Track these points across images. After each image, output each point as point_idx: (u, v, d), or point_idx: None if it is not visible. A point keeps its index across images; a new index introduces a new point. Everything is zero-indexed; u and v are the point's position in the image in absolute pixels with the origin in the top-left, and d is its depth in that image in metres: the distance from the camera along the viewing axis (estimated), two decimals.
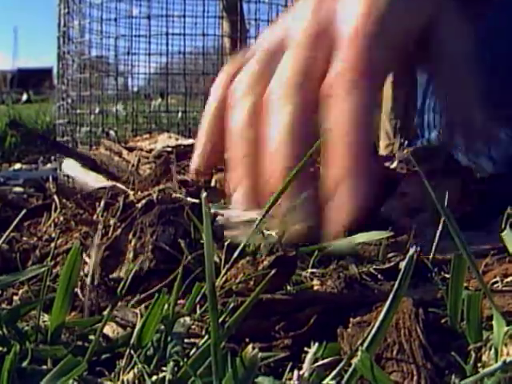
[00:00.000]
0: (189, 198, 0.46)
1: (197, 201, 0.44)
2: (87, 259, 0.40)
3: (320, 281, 0.40)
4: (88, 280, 0.38)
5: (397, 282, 0.27)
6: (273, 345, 0.34)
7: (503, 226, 0.45)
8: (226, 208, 0.47)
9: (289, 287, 0.38)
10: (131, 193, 0.49)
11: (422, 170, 0.32)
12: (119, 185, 0.56)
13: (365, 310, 0.35)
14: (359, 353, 0.25)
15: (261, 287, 0.29)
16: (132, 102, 1.20)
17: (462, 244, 0.31)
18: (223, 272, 0.41)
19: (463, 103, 0.54)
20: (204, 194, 0.31)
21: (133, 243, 0.39)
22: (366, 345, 0.26)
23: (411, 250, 0.28)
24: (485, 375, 0.28)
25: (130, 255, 0.39)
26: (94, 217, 0.47)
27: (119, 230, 0.40)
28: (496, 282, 0.40)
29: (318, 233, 0.43)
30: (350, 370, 0.25)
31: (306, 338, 0.34)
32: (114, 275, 0.39)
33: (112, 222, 0.42)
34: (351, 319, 0.34)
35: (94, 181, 0.63)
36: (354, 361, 0.25)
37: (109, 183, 0.58)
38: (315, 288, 0.39)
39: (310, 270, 0.41)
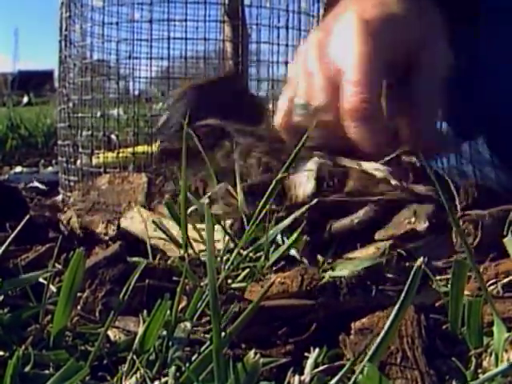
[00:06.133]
0: None
1: None
2: None
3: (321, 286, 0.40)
4: None
5: (403, 292, 0.27)
6: (274, 350, 0.34)
7: (505, 231, 0.45)
8: None
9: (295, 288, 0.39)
10: None
11: None
12: None
13: (366, 316, 0.35)
14: (366, 368, 0.25)
15: (262, 294, 0.30)
16: (133, 106, 1.20)
17: (467, 248, 0.31)
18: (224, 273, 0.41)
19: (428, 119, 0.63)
20: (206, 200, 0.31)
21: None
22: (370, 354, 0.26)
23: (418, 261, 0.28)
24: (485, 380, 0.28)
25: None
26: None
27: None
28: (493, 284, 0.41)
29: None
30: (354, 377, 0.25)
31: (307, 343, 0.34)
32: None
33: None
34: (353, 325, 0.34)
35: None
36: (358, 369, 0.25)
37: None
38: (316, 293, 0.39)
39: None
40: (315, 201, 0.49)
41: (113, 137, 1.14)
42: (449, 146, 0.71)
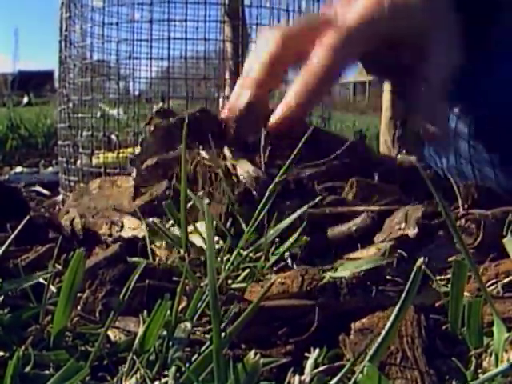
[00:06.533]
0: None
1: None
2: None
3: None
4: None
5: (404, 292, 0.27)
6: (274, 351, 0.34)
7: (505, 232, 0.45)
8: None
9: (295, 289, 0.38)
10: None
11: None
12: None
13: (366, 316, 0.35)
14: (366, 368, 0.25)
15: (262, 294, 0.30)
16: (133, 106, 1.20)
17: (464, 249, 0.31)
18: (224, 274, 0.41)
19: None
20: (206, 201, 0.31)
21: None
22: (370, 354, 0.26)
23: (419, 261, 0.28)
24: (485, 380, 0.28)
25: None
26: None
27: None
28: (493, 284, 0.41)
29: None
30: (354, 377, 0.25)
31: (307, 344, 0.34)
32: None
33: None
34: (353, 325, 0.34)
35: None
36: (358, 369, 0.25)
37: None
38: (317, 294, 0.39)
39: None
40: (317, 200, 0.49)
41: (113, 137, 1.14)
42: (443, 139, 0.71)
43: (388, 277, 0.43)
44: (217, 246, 0.47)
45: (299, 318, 0.37)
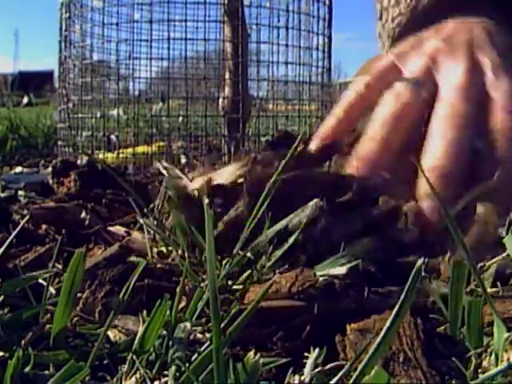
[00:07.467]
0: None
1: None
2: None
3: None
4: None
5: (403, 293, 0.27)
6: (271, 351, 0.34)
7: (505, 232, 0.45)
8: None
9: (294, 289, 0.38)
10: None
11: None
12: None
13: (362, 316, 0.35)
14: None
15: (261, 295, 0.30)
16: (133, 106, 1.20)
17: (464, 248, 0.31)
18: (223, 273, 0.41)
19: None
20: (206, 201, 0.31)
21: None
22: (371, 352, 0.26)
23: (418, 262, 0.28)
24: (485, 380, 0.28)
25: None
26: None
27: None
28: (493, 284, 0.41)
29: None
30: (353, 378, 0.25)
31: (302, 344, 0.34)
32: None
33: None
34: (349, 326, 0.34)
35: None
36: (357, 370, 0.25)
37: None
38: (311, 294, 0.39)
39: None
40: (317, 200, 0.49)
41: (113, 137, 1.14)
42: None
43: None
44: None
45: (293, 319, 0.37)
